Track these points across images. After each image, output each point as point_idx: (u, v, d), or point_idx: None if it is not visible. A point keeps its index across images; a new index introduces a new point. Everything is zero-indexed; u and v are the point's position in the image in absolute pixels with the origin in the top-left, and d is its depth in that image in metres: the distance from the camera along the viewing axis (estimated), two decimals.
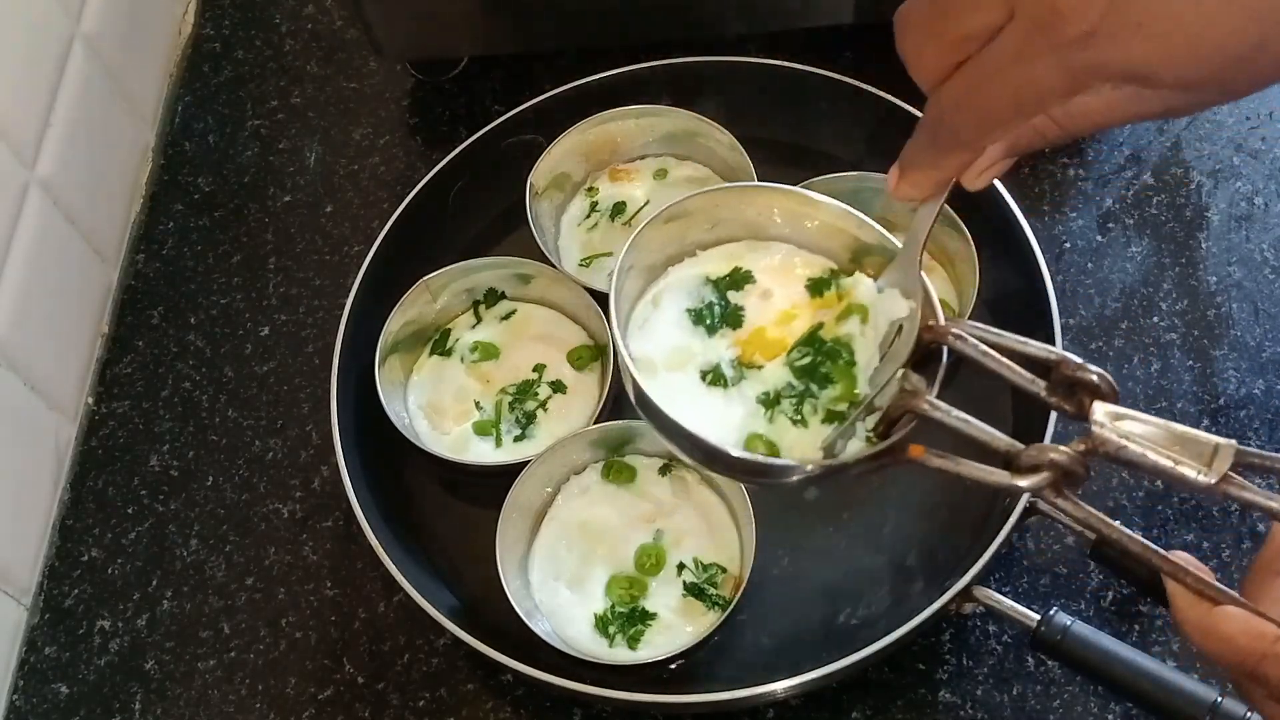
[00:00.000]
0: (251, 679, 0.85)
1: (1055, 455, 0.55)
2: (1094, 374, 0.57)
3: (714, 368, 0.68)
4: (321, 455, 0.93)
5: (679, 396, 0.67)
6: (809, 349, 0.67)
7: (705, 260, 0.71)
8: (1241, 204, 0.96)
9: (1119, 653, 0.71)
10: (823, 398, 0.66)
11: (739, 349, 0.69)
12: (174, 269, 1.04)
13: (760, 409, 0.67)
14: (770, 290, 0.70)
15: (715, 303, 0.70)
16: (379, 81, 1.11)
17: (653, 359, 0.69)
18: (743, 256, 0.71)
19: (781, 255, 0.71)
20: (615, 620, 0.80)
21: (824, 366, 0.66)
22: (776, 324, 0.69)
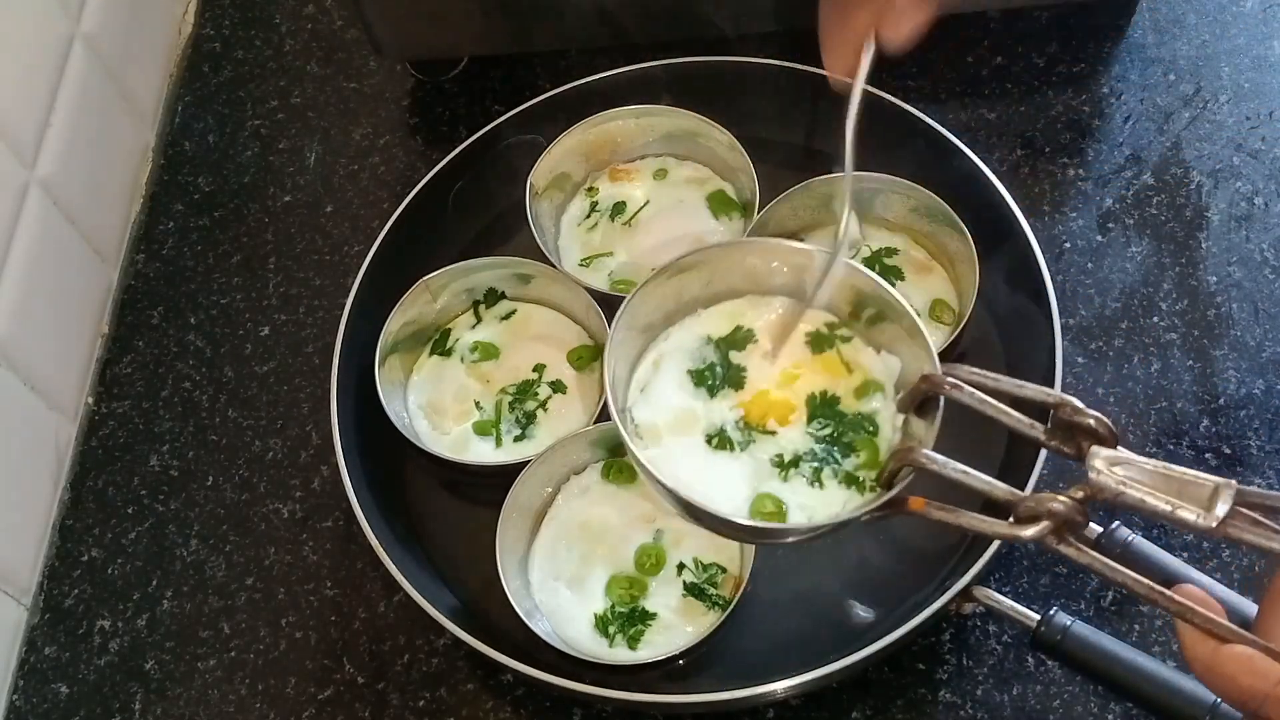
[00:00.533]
0: (251, 679, 0.85)
1: (1054, 505, 0.56)
2: (1091, 418, 0.57)
3: (719, 431, 0.70)
4: (321, 455, 0.93)
5: (685, 460, 0.68)
6: (830, 420, 0.69)
7: (706, 319, 0.72)
8: (1241, 204, 0.96)
9: (1119, 653, 0.71)
10: (845, 465, 0.68)
11: (743, 410, 0.70)
12: (174, 269, 1.04)
13: (774, 470, 0.68)
14: (769, 351, 0.71)
15: (717, 364, 0.71)
16: (379, 81, 1.11)
17: (657, 425, 0.70)
18: (744, 314, 0.72)
19: (781, 310, 0.72)
20: (615, 620, 0.80)
21: (846, 437, 0.68)
22: (780, 385, 0.70)
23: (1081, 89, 1.03)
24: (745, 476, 0.68)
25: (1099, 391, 0.89)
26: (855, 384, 0.70)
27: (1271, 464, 0.85)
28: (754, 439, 0.69)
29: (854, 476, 0.67)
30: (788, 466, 0.68)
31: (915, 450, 0.62)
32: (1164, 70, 1.03)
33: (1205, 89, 1.02)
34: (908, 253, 0.92)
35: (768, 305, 0.72)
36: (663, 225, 0.96)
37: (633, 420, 0.70)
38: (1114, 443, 0.57)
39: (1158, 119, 1.01)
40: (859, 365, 0.70)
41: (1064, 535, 0.57)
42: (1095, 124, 1.01)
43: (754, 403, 0.70)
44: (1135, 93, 1.02)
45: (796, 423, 0.69)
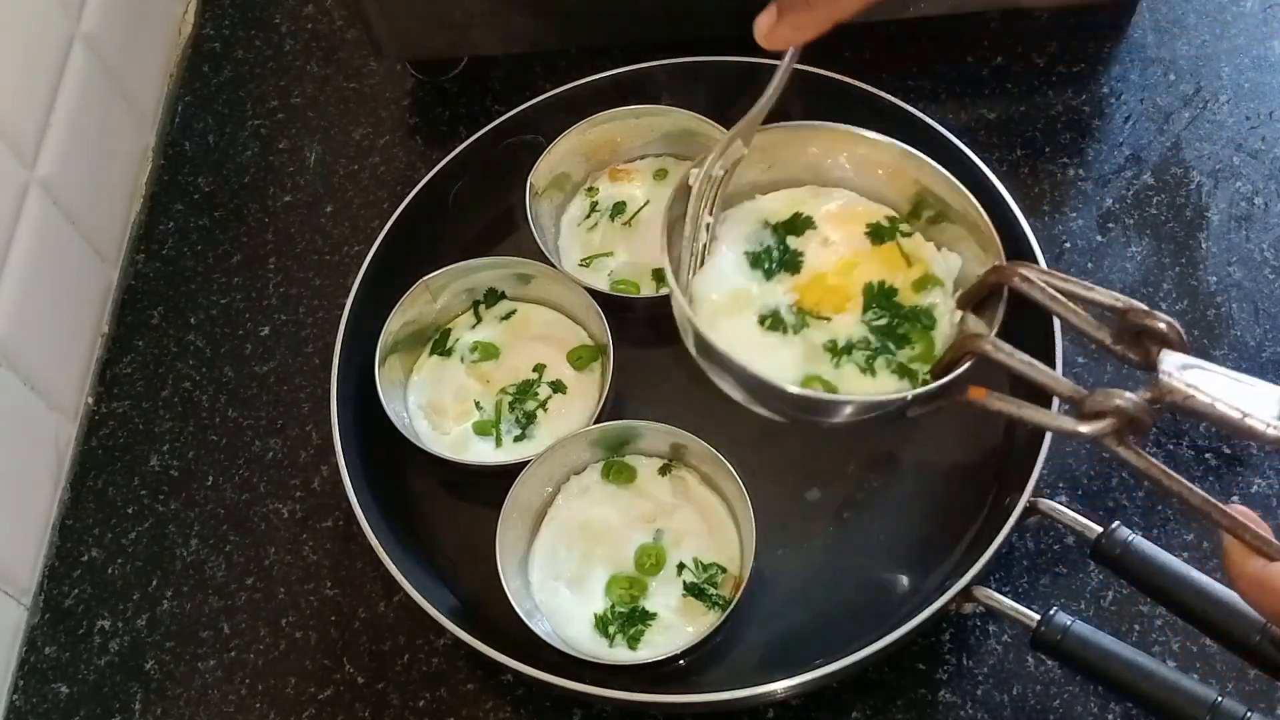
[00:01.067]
0: (251, 679, 0.85)
1: (1121, 401, 0.54)
2: (1163, 321, 0.56)
3: (772, 312, 0.68)
4: (321, 455, 0.93)
5: (737, 340, 0.66)
6: (887, 311, 0.67)
7: (765, 203, 0.70)
8: (1241, 204, 0.96)
9: (1119, 653, 0.71)
10: (900, 356, 0.66)
11: (798, 295, 0.68)
12: (174, 269, 1.04)
13: (827, 355, 0.66)
14: (830, 238, 0.69)
15: (774, 247, 0.69)
16: (379, 81, 1.11)
17: (712, 303, 0.68)
18: (804, 202, 0.70)
19: (842, 202, 0.70)
20: (615, 620, 0.80)
21: (902, 329, 0.66)
22: (837, 272, 0.68)
23: (1081, 89, 1.03)
24: (796, 359, 0.67)
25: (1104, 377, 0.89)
26: (914, 277, 0.68)
27: (1272, 464, 0.85)
28: (807, 324, 0.67)
29: (907, 368, 0.65)
30: (841, 353, 0.66)
31: (982, 337, 0.59)
32: (1164, 70, 1.03)
33: (1205, 89, 1.02)
34: None
35: (828, 196, 0.70)
36: None
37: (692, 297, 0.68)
38: (1184, 348, 0.56)
39: (1158, 119, 1.01)
40: (919, 259, 0.68)
41: (1124, 438, 0.55)
42: (1095, 124, 1.01)
43: (810, 287, 0.68)
44: (1135, 93, 1.02)
45: (852, 311, 0.67)
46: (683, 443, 0.83)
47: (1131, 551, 0.73)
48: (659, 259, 0.93)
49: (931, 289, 0.68)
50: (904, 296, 0.67)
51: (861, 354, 0.66)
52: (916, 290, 0.68)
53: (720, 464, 0.81)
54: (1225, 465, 0.85)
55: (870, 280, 0.68)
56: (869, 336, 0.66)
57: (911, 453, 0.87)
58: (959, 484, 0.85)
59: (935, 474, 0.87)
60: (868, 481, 0.86)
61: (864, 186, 0.70)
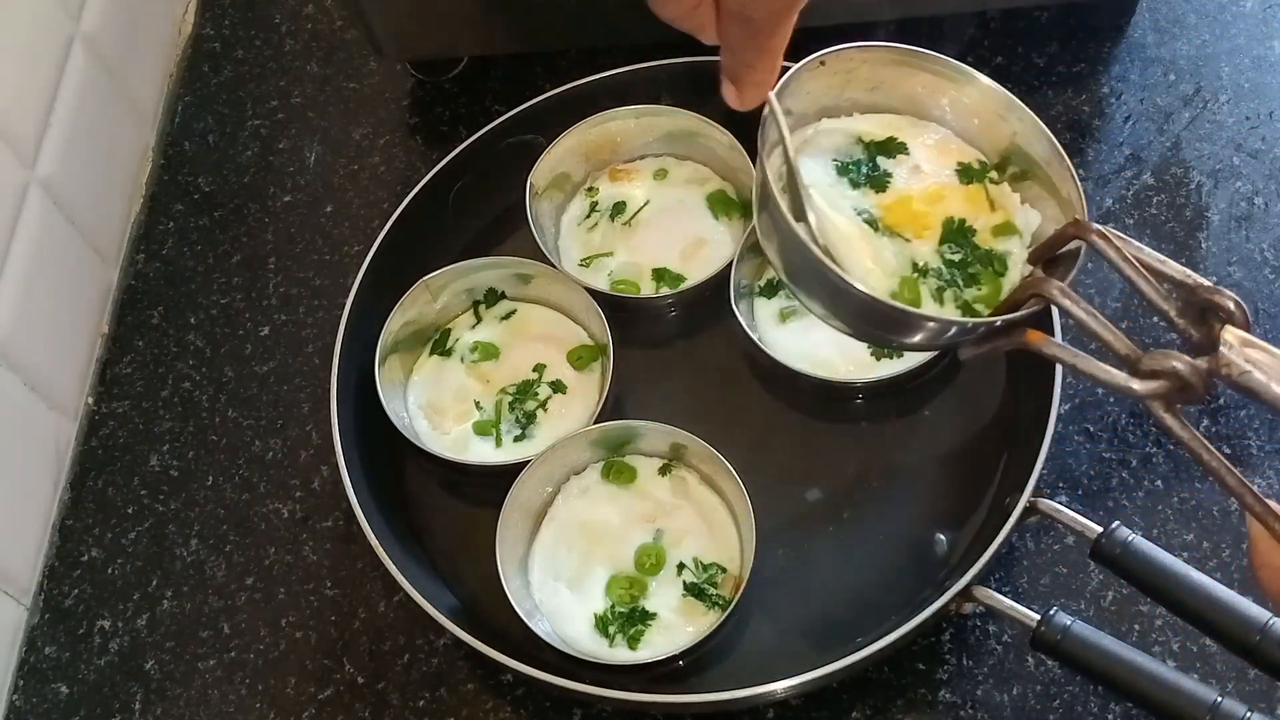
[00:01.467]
0: (251, 679, 0.85)
1: (1178, 364, 0.54)
2: (1230, 299, 0.55)
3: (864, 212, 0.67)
4: (321, 455, 0.93)
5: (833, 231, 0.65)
6: (963, 248, 0.67)
7: (860, 122, 0.70)
8: (1241, 204, 0.96)
9: (1119, 653, 0.71)
10: (966, 294, 0.66)
11: (882, 212, 0.67)
12: (174, 269, 1.04)
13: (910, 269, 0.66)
14: (921, 166, 0.69)
15: (864, 161, 0.68)
16: (379, 81, 1.11)
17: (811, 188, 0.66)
18: (901, 129, 0.70)
19: (938, 138, 0.70)
20: (615, 620, 0.80)
21: (974, 268, 0.66)
22: (923, 199, 0.68)
23: (1081, 89, 1.03)
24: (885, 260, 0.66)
25: (1099, 391, 0.89)
26: (995, 222, 0.68)
27: (1271, 464, 0.85)
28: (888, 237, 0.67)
29: (971, 307, 0.65)
30: (921, 272, 0.66)
31: (1050, 281, 0.59)
32: (1164, 70, 1.03)
33: (1205, 89, 1.02)
34: None
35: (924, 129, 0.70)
36: (663, 225, 0.96)
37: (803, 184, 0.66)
38: (1248, 327, 0.55)
39: (1158, 119, 1.01)
40: (1003, 206, 0.68)
41: (1172, 404, 0.55)
42: (1095, 124, 1.01)
43: (895, 206, 0.67)
44: (1135, 93, 1.02)
45: (929, 240, 0.67)
46: (683, 443, 0.83)
47: (1131, 551, 0.73)
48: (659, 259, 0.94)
49: (1010, 237, 0.68)
50: (982, 239, 0.67)
51: (934, 280, 0.66)
52: (995, 235, 0.68)
53: (720, 464, 0.81)
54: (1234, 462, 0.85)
55: (952, 216, 0.68)
56: (941, 268, 0.66)
57: (911, 453, 0.87)
58: (959, 484, 0.85)
59: (935, 474, 0.87)
60: (868, 481, 0.86)
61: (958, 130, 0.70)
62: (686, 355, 0.93)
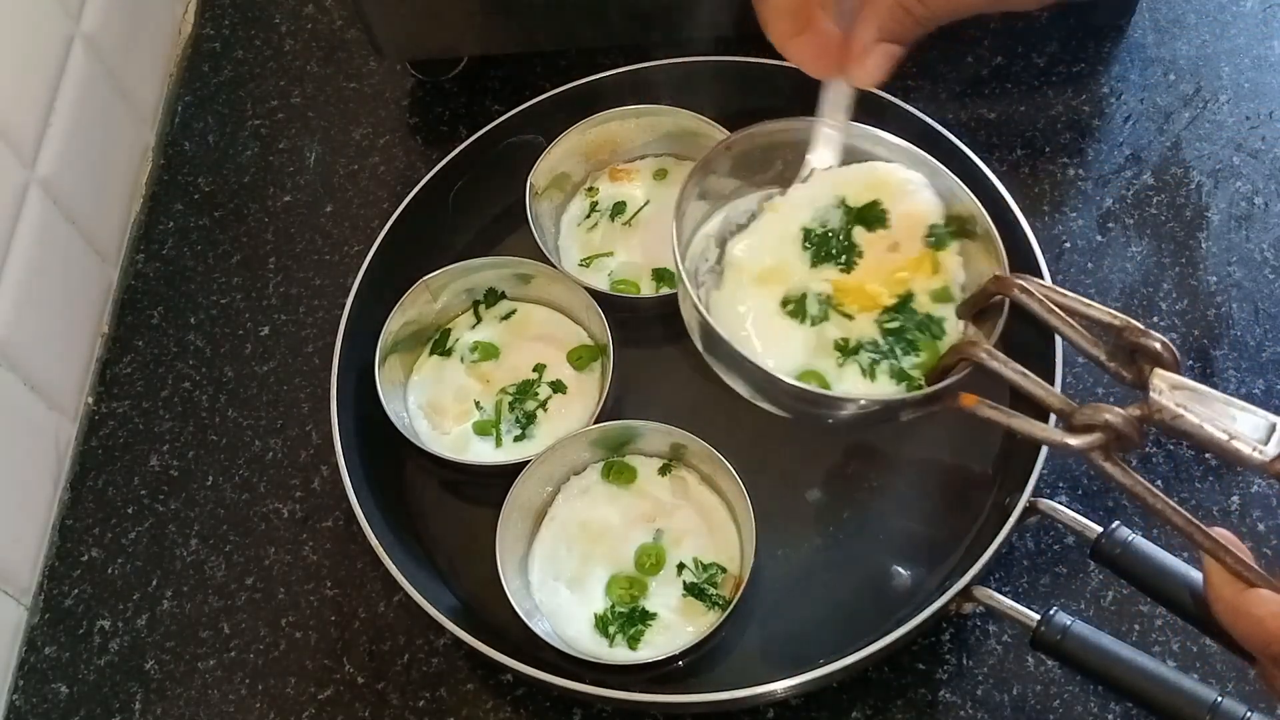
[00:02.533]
0: (251, 679, 0.85)
1: (1110, 416, 0.55)
2: (1157, 341, 0.56)
3: (799, 298, 0.67)
4: (321, 455, 0.93)
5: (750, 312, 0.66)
6: (899, 315, 0.67)
7: (847, 177, 0.69)
8: (1241, 204, 0.96)
9: (1119, 653, 0.71)
10: (904, 362, 0.66)
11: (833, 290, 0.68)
12: (174, 269, 1.04)
13: (833, 353, 0.66)
14: (898, 243, 0.68)
15: (838, 232, 0.68)
16: (379, 81, 1.11)
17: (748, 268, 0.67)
18: (886, 185, 0.69)
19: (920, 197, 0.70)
20: (615, 620, 0.80)
21: (911, 335, 0.66)
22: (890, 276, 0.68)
23: (1081, 89, 1.03)
24: (801, 350, 0.67)
25: (1099, 391, 0.89)
26: (935, 287, 0.68)
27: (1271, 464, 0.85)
28: (828, 318, 0.67)
29: (907, 374, 0.66)
30: (848, 352, 0.66)
31: (977, 344, 0.60)
32: (1164, 70, 1.03)
33: (1205, 89, 1.02)
34: None
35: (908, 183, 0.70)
36: (663, 225, 0.95)
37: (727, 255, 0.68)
38: (1177, 368, 0.56)
39: (1158, 119, 1.01)
40: (944, 269, 0.68)
41: (1111, 453, 0.56)
42: (1095, 124, 1.01)
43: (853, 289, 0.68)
44: (1135, 93, 1.02)
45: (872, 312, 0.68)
46: (683, 443, 0.83)
47: (1131, 551, 0.73)
48: (659, 259, 0.94)
49: (949, 301, 0.68)
50: (920, 304, 0.68)
51: (867, 356, 0.66)
52: (935, 300, 0.68)
53: (720, 464, 0.81)
54: (1226, 465, 0.85)
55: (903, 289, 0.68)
56: (878, 339, 0.67)
57: (912, 453, 0.87)
58: (959, 484, 0.85)
59: (935, 474, 0.87)
60: (868, 481, 0.86)
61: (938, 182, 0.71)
62: (686, 355, 0.92)
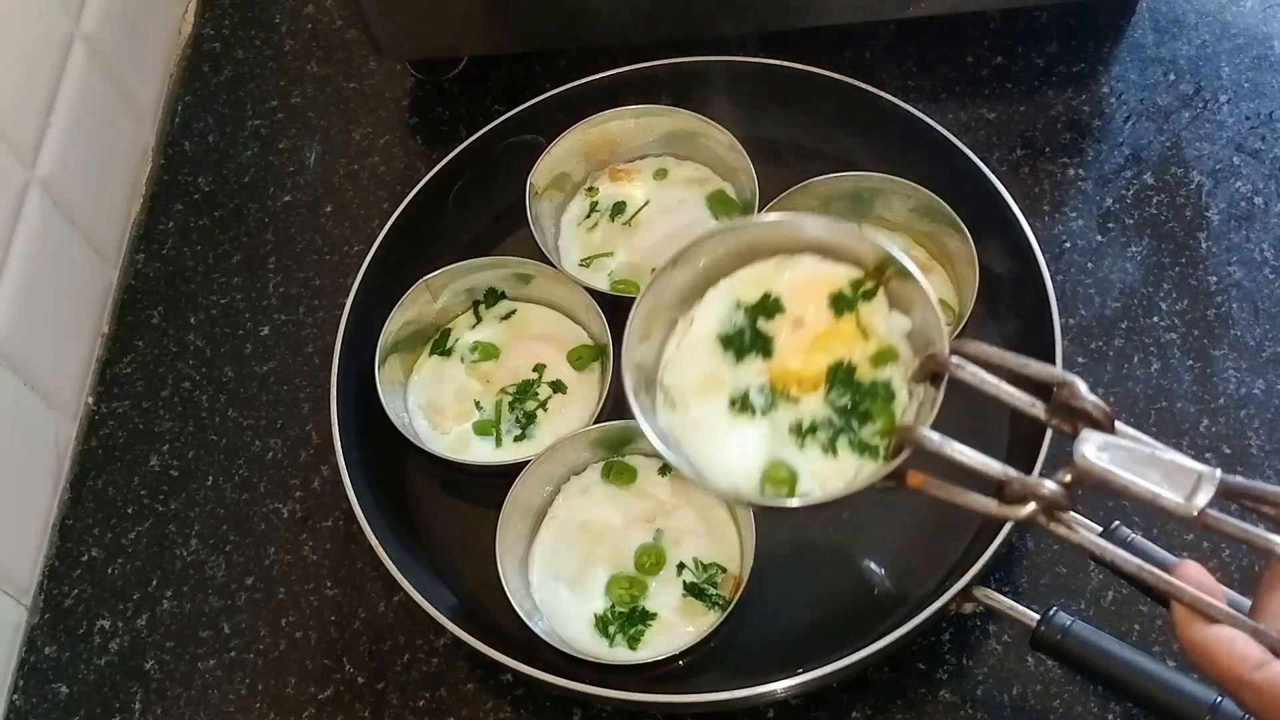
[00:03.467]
0: (251, 679, 0.85)
1: (1041, 490, 0.58)
2: (1089, 404, 0.59)
3: (742, 395, 0.69)
4: (321, 455, 0.93)
5: (705, 425, 0.69)
6: (847, 389, 0.69)
7: (736, 283, 0.72)
8: (1241, 204, 0.96)
9: (1119, 653, 0.71)
10: (861, 432, 0.68)
11: (769, 376, 0.70)
12: (174, 269, 1.04)
13: (791, 437, 0.68)
14: (801, 317, 0.70)
15: (745, 329, 0.71)
16: (379, 81, 1.11)
17: (684, 388, 0.70)
18: (772, 278, 0.71)
19: (805, 271, 0.71)
20: (615, 620, 0.80)
21: (864, 405, 0.68)
22: (809, 352, 0.70)
23: (1081, 89, 1.03)
24: (762, 443, 0.68)
25: (1099, 391, 0.88)
26: (871, 351, 0.69)
27: (1271, 464, 0.85)
28: (776, 405, 0.69)
29: (867, 444, 0.67)
30: (804, 434, 0.68)
31: (914, 429, 0.63)
32: (1164, 70, 1.03)
33: (1205, 89, 1.02)
34: (908, 252, 0.91)
35: (794, 264, 0.71)
36: (663, 225, 0.96)
37: (662, 386, 0.70)
38: (1110, 427, 0.59)
39: (1158, 119, 1.01)
40: (874, 332, 0.70)
41: (1053, 515, 0.58)
42: (1095, 124, 1.01)
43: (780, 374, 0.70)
44: (1135, 93, 1.02)
45: (817, 391, 0.69)
46: None
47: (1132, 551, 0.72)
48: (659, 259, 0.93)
49: (889, 362, 0.69)
50: (863, 372, 0.69)
51: (825, 433, 0.68)
52: (875, 364, 0.69)
53: None
54: (1225, 465, 0.85)
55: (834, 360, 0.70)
56: (832, 416, 0.68)
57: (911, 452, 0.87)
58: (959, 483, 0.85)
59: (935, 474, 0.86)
60: None
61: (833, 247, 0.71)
62: None
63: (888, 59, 1.05)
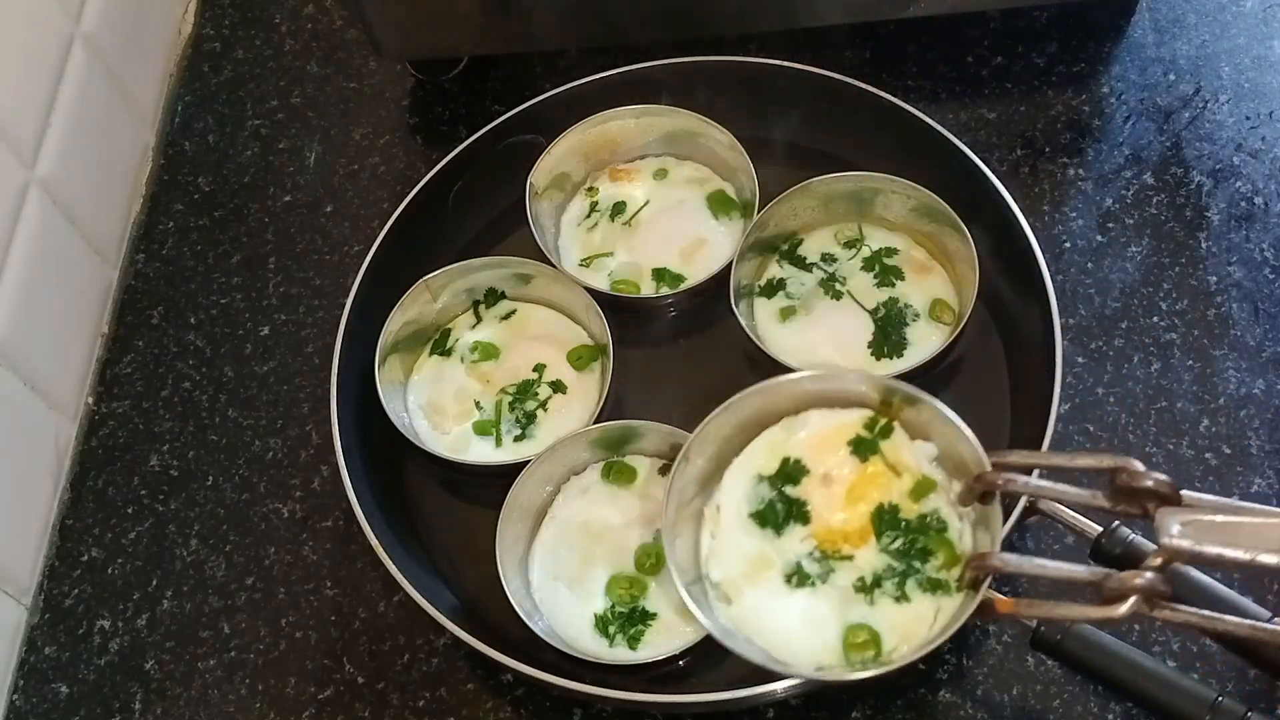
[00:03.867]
0: (251, 679, 0.85)
1: (1139, 581, 0.57)
2: (1151, 480, 0.58)
3: (795, 568, 0.68)
4: (321, 455, 0.93)
5: (768, 608, 0.68)
6: (897, 531, 0.67)
7: (751, 457, 0.71)
8: (1241, 204, 0.96)
9: (1119, 653, 0.71)
10: (926, 570, 0.67)
11: (815, 541, 0.69)
12: (174, 269, 1.04)
13: (859, 596, 0.67)
14: (828, 474, 0.70)
15: (775, 501, 0.70)
16: (379, 81, 1.11)
17: (734, 577, 0.69)
18: (785, 443, 0.71)
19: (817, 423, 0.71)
20: (615, 620, 0.80)
21: (919, 544, 0.67)
22: (848, 505, 0.69)
23: (1081, 89, 1.03)
24: (832, 610, 0.68)
25: (1099, 391, 0.89)
26: (908, 486, 0.68)
27: (1271, 464, 0.85)
28: (833, 568, 0.68)
29: (937, 581, 0.66)
30: (871, 589, 0.67)
31: (990, 556, 0.62)
32: (1164, 70, 1.03)
33: (1205, 89, 1.02)
34: (908, 253, 0.92)
35: (802, 424, 0.71)
36: (663, 225, 0.96)
37: (710, 582, 0.70)
38: (1178, 499, 0.58)
39: (1158, 119, 1.01)
40: (905, 466, 0.69)
41: (1155, 604, 0.58)
42: (1095, 124, 1.01)
43: (824, 535, 0.69)
44: (1135, 93, 1.02)
45: (869, 541, 0.68)
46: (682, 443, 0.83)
47: (1132, 551, 0.73)
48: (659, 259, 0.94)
49: (928, 493, 0.68)
50: (906, 510, 0.68)
51: (890, 582, 0.67)
52: (915, 499, 0.68)
53: None
54: (1225, 464, 0.85)
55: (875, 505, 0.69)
56: (892, 563, 0.67)
57: None
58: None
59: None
60: None
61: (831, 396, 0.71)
62: (686, 355, 0.93)
63: (888, 59, 1.05)
